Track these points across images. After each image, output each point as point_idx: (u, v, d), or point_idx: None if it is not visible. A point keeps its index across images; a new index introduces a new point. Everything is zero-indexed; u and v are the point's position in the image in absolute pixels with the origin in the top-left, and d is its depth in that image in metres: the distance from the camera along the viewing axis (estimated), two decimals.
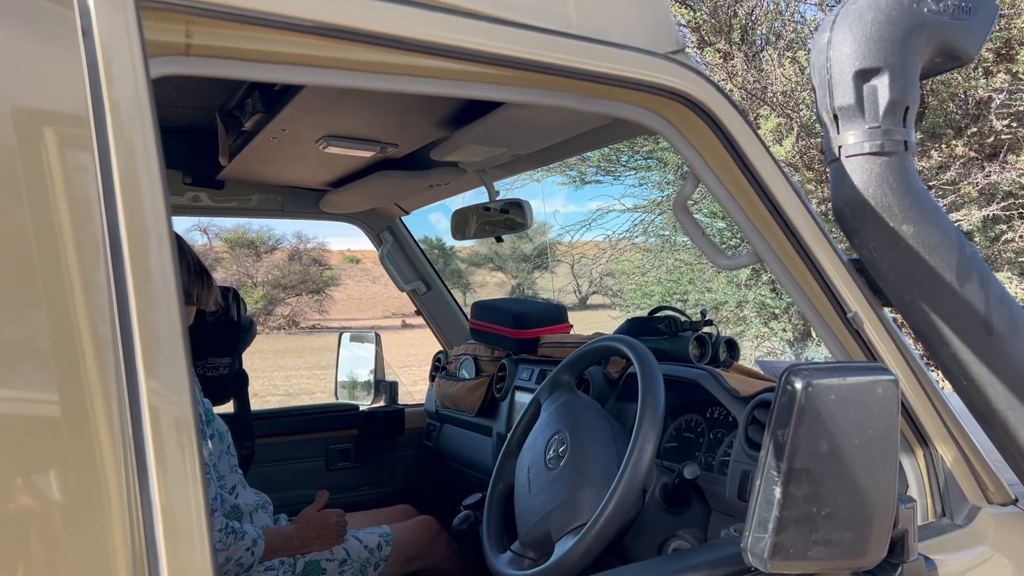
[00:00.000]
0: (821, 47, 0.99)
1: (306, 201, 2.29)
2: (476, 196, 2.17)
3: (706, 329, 1.56)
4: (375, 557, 1.69)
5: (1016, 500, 1.10)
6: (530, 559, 1.22)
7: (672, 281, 7.08)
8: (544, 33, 0.79)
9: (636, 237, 7.95)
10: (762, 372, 1.56)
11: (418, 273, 2.63)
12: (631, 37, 0.87)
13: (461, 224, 2.22)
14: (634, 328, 1.71)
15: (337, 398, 2.72)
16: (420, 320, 2.81)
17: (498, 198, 2.01)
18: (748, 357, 6.20)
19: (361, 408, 2.55)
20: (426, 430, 2.56)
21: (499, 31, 0.77)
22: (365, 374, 2.64)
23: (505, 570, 1.22)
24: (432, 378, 2.61)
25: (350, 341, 2.76)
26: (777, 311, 6.57)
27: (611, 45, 0.84)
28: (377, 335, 2.68)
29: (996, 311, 0.97)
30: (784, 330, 6.51)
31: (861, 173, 0.97)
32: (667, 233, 7.69)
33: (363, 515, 2.04)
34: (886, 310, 1.03)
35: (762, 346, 6.61)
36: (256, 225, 28.84)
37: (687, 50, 0.94)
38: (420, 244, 2.64)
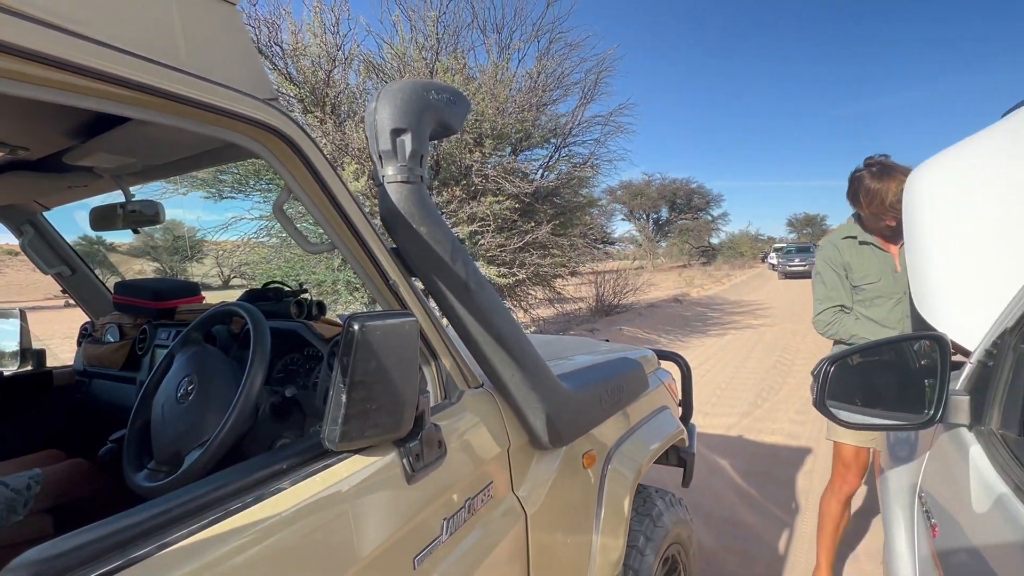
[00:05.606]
0: (371, 111, 1.05)
1: None
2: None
3: (303, 295, 1.56)
4: (23, 496, 1.33)
5: (482, 384, 1.25)
6: (164, 472, 1.09)
7: (289, 268, 7.09)
8: (158, 64, 0.70)
9: (262, 238, 7.86)
10: (340, 323, 1.59)
11: (61, 259, 2.15)
12: (235, 81, 0.81)
13: (99, 218, 1.90)
14: (250, 296, 1.62)
15: None
16: None
17: (135, 199, 1.74)
18: (338, 314, 6.51)
19: (5, 374, 2.01)
20: (75, 386, 2.12)
21: (120, 58, 0.66)
22: (11, 346, 2.11)
23: (143, 483, 1.07)
24: (80, 343, 2.19)
25: None
26: (358, 285, 7.11)
27: (219, 84, 0.78)
28: (22, 311, 2.15)
29: (471, 278, 1.11)
30: (362, 298, 7.12)
31: (396, 194, 1.04)
32: (284, 236, 7.73)
33: (11, 463, 1.60)
34: (413, 279, 1.10)
35: (349, 308, 7.16)
36: None
37: (294, 112, 0.94)
38: (82, 237, 2.33)
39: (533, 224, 7.61)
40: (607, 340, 2.96)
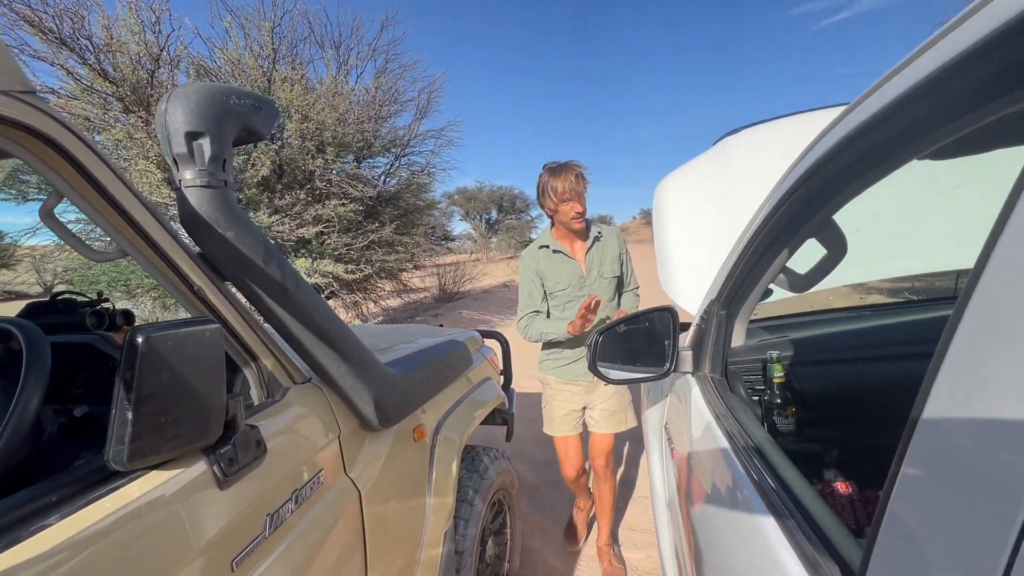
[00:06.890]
0: (161, 112, 0.87)
1: None
2: None
3: (103, 305, 1.26)
4: None
5: (309, 379, 1.14)
6: None
7: (118, 272, 5.73)
8: None
9: (86, 240, 6.51)
10: None
11: None
12: None
13: None
14: (34, 310, 1.23)
15: None
16: None
17: None
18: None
19: None
20: None
21: None
22: None
23: None
24: None
25: None
26: None
27: None
28: None
29: (288, 280, 1.00)
30: None
31: (196, 199, 0.88)
32: (108, 239, 6.53)
33: None
34: (226, 284, 0.96)
35: (183, 313, 6.08)
36: None
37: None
38: None
39: (378, 224, 7.29)
40: (441, 325, 2.93)
